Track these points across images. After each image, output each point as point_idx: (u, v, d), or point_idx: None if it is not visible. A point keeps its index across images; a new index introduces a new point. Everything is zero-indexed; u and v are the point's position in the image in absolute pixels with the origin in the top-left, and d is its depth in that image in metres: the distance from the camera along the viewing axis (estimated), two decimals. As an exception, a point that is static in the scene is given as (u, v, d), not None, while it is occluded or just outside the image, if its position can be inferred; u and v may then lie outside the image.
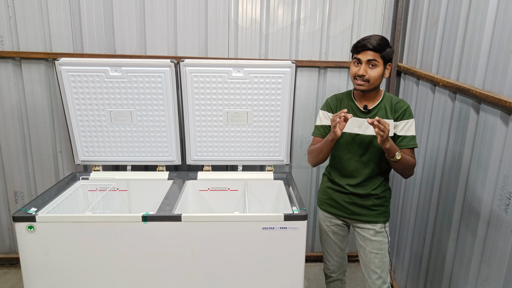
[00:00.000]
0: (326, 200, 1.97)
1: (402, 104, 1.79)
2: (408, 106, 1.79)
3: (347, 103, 1.85)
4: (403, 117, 1.78)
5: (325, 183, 1.99)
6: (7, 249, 2.79)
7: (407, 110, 1.78)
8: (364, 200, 1.85)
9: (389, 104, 1.80)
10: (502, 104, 1.49)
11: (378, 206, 1.86)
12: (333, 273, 2.07)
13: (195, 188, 2.32)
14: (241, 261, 1.81)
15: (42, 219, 1.74)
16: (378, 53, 1.69)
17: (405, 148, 1.80)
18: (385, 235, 1.88)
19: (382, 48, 1.69)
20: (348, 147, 1.83)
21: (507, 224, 1.49)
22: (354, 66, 1.74)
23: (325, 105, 1.92)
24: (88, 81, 2.20)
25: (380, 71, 1.72)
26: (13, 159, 2.59)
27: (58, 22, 2.41)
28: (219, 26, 2.49)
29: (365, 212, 1.87)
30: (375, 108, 1.79)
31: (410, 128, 1.78)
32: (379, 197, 1.86)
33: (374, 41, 1.67)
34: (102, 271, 1.81)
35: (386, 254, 1.87)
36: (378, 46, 1.68)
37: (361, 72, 1.70)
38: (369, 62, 1.69)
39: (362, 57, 1.69)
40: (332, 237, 1.99)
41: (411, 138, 1.78)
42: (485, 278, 1.63)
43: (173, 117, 2.29)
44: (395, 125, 1.79)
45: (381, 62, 1.70)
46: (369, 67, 1.70)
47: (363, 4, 2.52)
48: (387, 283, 1.89)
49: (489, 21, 1.65)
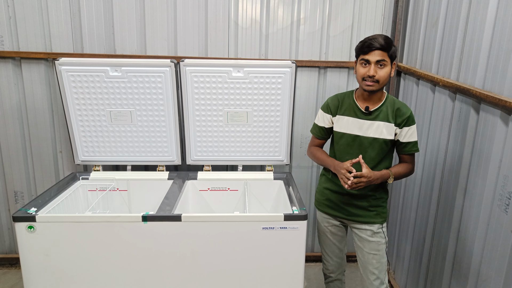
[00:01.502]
0: (323, 201, 1.97)
1: (405, 110, 1.76)
2: (411, 113, 1.77)
3: (348, 104, 1.84)
4: (405, 124, 1.76)
5: (322, 183, 1.99)
6: (7, 249, 2.79)
7: (410, 117, 1.76)
8: (361, 201, 1.85)
9: (391, 107, 1.77)
10: (502, 104, 1.49)
11: (375, 206, 1.86)
12: (332, 273, 2.07)
13: (195, 188, 2.32)
14: (241, 261, 1.81)
15: (42, 219, 1.74)
16: (386, 52, 1.66)
17: (407, 154, 1.80)
18: (383, 236, 1.87)
19: (389, 47, 1.66)
20: (348, 148, 1.83)
21: (507, 224, 1.49)
22: (362, 67, 1.70)
23: (326, 107, 1.90)
24: (88, 81, 2.20)
25: (388, 71, 1.70)
26: (13, 159, 2.59)
27: (58, 22, 2.41)
28: (219, 26, 2.49)
29: (362, 212, 1.86)
30: (377, 110, 1.78)
31: (413, 134, 1.78)
32: (376, 198, 1.86)
33: (381, 40, 1.65)
34: (102, 271, 1.81)
35: (383, 254, 1.87)
36: (386, 45, 1.65)
37: (371, 72, 1.67)
38: (378, 62, 1.67)
39: (371, 57, 1.66)
40: (330, 237, 1.99)
41: (414, 144, 1.78)
42: (485, 278, 1.63)
43: (173, 117, 2.29)
44: (398, 131, 1.77)
45: (389, 62, 1.68)
46: (378, 67, 1.68)
47: (363, 4, 2.52)
48: (385, 283, 1.89)
49: (489, 21, 1.65)
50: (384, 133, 1.76)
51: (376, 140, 1.77)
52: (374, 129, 1.77)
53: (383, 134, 1.76)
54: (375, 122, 1.77)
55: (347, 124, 1.82)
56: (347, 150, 1.83)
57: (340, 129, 1.84)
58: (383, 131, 1.76)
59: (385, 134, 1.76)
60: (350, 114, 1.82)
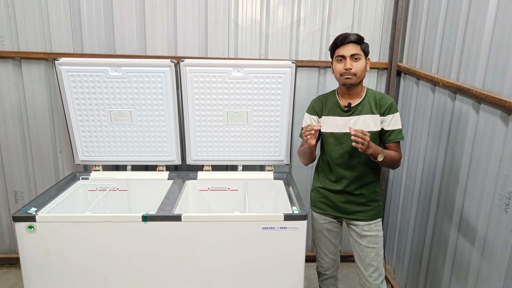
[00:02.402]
0: (320, 198, 1.98)
1: (387, 99, 1.83)
2: (393, 101, 1.84)
3: (331, 103, 1.88)
4: (389, 112, 1.82)
5: (316, 183, 2.01)
6: (7, 249, 2.79)
7: (392, 104, 1.83)
8: (358, 198, 1.88)
9: (373, 99, 1.83)
10: (502, 104, 1.49)
11: (371, 201, 1.90)
12: (327, 271, 2.08)
13: (195, 188, 2.32)
14: (241, 261, 1.81)
15: (42, 219, 1.74)
16: (359, 46, 1.76)
17: (392, 142, 1.85)
18: (380, 229, 1.92)
19: (361, 41, 1.77)
20: (338, 148, 1.86)
21: (507, 224, 1.50)
22: (338, 63, 1.79)
23: (311, 108, 1.95)
24: (88, 81, 2.20)
25: (364, 64, 1.78)
26: (13, 159, 2.59)
27: (58, 22, 2.41)
28: (219, 26, 2.49)
29: (361, 208, 1.89)
30: (359, 104, 1.83)
31: (396, 122, 1.84)
32: (373, 191, 1.90)
33: (353, 34, 1.75)
34: (102, 271, 1.81)
35: (381, 247, 1.91)
36: (358, 39, 1.75)
37: (348, 65, 1.74)
38: (352, 56, 1.74)
39: (345, 52, 1.75)
40: (327, 234, 2.00)
41: (398, 132, 1.84)
42: (485, 278, 1.63)
43: (173, 117, 2.29)
44: (382, 120, 1.83)
45: (363, 55, 1.78)
46: (353, 61, 1.75)
47: (363, 4, 2.52)
48: (383, 275, 1.93)
49: (489, 21, 1.65)
50: (371, 125, 1.82)
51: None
52: (361, 124, 1.82)
53: (370, 126, 1.82)
54: (361, 117, 1.82)
55: (333, 124, 1.86)
56: (337, 149, 1.86)
57: (327, 130, 1.88)
58: (370, 124, 1.82)
59: (372, 126, 1.82)
60: (334, 114, 1.87)
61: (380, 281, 1.91)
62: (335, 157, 1.87)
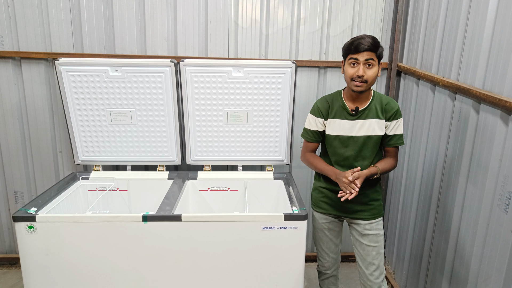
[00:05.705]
0: (322, 198, 1.98)
1: (393, 105, 1.83)
2: (398, 107, 1.84)
3: (338, 106, 1.85)
4: (394, 118, 1.83)
5: (318, 182, 2.00)
6: (7, 249, 2.79)
7: (397, 111, 1.83)
8: (361, 197, 1.87)
9: (379, 104, 1.82)
10: (502, 104, 1.49)
11: (373, 200, 1.91)
12: (328, 270, 2.08)
13: (195, 188, 2.32)
14: (241, 261, 1.81)
15: (42, 219, 1.74)
16: (374, 53, 1.69)
17: (392, 146, 1.86)
18: (381, 228, 1.93)
19: (377, 47, 1.70)
20: (341, 151, 1.86)
21: (507, 224, 1.50)
22: (350, 67, 1.72)
23: (316, 110, 1.90)
24: (88, 81, 2.20)
25: (376, 71, 1.73)
26: (13, 159, 2.59)
27: (58, 22, 2.41)
28: (219, 26, 2.49)
29: (363, 207, 1.90)
30: (366, 109, 1.81)
31: (399, 127, 1.85)
32: (375, 190, 1.91)
33: (370, 40, 1.68)
34: (102, 271, 1.81)
35: (382, 245, 1.92)
36: (374, 46, 1.69)
37: (360, 72, 1.69)
38: (366, 62, 1.69)
39: (360, 57, 1.69)
40: (328, 233, 2.00)
41: (399, 137, 1.86)
42: (485, 277, 1.63)
43: (173, 117, 2.29)
44: (386, 125, 1.83)
45: (376, 62, 1.72)
46: (366, 67, 1.70)
47: (363, 4, 2.52)
48: (383, 273, 1.93)
49: (489, 21, 1.65)
50: (376, 129, 1.82)
51: (370, 138, 1.82)
52: (366, 128, 1.81)
53: (375, 131, 1.82)
54: (367, 121, 1.81)
55: (339, 127, 1.85)
56: (342, 151, 1.86)
57: (333, 132, 1.86)
58: (375, 128, 1.82)
59: (377, 130, 1.82)
60: (341, 117, 1.84)
61: (381, 279, 1.91)
62: (339, 159, 1.87)
